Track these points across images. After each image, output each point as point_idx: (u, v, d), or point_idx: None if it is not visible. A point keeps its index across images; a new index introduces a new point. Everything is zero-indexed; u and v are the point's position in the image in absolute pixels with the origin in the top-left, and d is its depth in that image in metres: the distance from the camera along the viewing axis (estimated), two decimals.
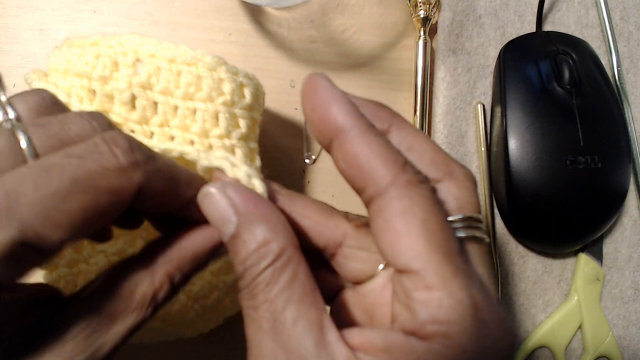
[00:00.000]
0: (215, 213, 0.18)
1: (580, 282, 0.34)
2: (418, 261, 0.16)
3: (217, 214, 0.18)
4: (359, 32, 0.36)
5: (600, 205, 0.33)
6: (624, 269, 0.35)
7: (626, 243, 0.35)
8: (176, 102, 0.25)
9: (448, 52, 0.35)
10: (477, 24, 0.36)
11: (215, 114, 0.25)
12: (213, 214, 0.18)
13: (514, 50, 0.35)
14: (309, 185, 0.35)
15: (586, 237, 0.34)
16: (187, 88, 0.25)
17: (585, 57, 0.35)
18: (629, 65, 0.37)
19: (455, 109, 0.35)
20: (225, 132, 0.25)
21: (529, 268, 0.35)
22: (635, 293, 0.35)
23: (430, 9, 0.35)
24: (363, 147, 0.17)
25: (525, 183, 0.32)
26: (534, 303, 0.34)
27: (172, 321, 0.27)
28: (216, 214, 0.18)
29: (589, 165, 0.32)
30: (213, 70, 0.25)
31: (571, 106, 0.33)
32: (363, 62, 0.36)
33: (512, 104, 0.33)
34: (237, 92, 0.26)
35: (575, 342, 0.34)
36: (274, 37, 0.36)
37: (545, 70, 0.34)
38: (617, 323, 0.35)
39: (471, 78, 0.35)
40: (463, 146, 0.35)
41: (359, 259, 0.20)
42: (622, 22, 0.37)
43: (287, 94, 0.35)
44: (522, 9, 0.36)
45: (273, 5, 0.35)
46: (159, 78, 0.25)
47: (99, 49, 0.25)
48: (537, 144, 0.32)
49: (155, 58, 0.25)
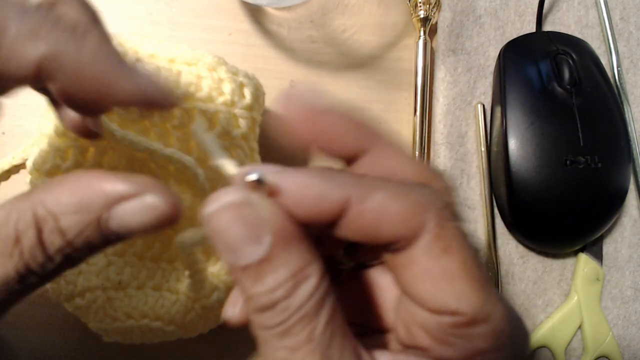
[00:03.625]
0: (236, 231, 0.14)
1: (580, 282, 0.34)
2: (465, 304, 0.15)
3: (240, 232, 0.14)
4: (359, 32, 0.36)
5: (600, 205, 0.33)
6: (624, 269, 0.35)
7: (626, 243, 0.35)
8: None
9: (448, 52, 0.35)
10: (477, 24, 0.36)
11: (216, 113, 0.25)
12: (233, 232, 0.14)
13: (514, 50, 0.35)
14: None
15: (586, 237, 0.34)
16: (187, 88, 0.25)
17: (585, 57, 0.35)
18: (629, 65, 0.37)
19: (455, 109, 0.35)
20: (225, 132, 0.26)
21: (529, 268, 0.35)
22: (635, 293, 0.35)
23: (430, 9, 0.35)
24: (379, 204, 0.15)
25: (525, 183, 0.32)
26: (534, 303, 0.34)
27: (172, 321, 0.27)
28: (238, 233, 0.14)
29: (589, 165, 0.32)
30: (213, 70, 0.25)
31: (571, 106, 0.33)
32: (363, 62, 0.36)
33: (512, 104, 0.33)
34: (237, 92, 0.26)
35: (575, 342, 0.34)
36: (274, 37, 0.36)
37: (545, 70, 0.34)
38: (617, 323, 0.35)
39: (471, 78, 0.35)
40: (463, 146, 0.35)
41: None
42: (622, 22, 0.37)
43: None
44: (522, 9, 0.36)
45: (273, 5, 0.35)
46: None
47: None
48: (537, 144, 0.32)
49: (155, 58, 0.25)
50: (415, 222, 0.15)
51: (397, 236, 0.15)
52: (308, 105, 0.17)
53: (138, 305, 0.27)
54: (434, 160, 0.35)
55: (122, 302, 0.26)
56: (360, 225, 0.15)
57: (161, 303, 0.27)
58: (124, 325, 0.26)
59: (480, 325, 0.15)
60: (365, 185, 0.15)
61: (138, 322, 0.26)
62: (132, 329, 0.26)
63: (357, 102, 0.36)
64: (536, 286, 0.34)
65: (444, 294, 0.15)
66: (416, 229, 0.15)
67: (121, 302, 0.26)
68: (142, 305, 0.27)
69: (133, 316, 0.26)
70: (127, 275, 0.27)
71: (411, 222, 0.15)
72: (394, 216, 0.15)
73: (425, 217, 0.15)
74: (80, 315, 0.27)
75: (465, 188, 0.34)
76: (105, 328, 0.26)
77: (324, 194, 0.15)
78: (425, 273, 0.15)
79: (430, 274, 0.15)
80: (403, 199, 0.15)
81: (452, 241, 0.15)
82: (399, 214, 0.15)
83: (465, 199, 0.34)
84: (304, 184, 0.15)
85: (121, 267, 0.27)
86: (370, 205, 0.15)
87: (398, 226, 0.15)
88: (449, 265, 0.15)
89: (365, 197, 0.15)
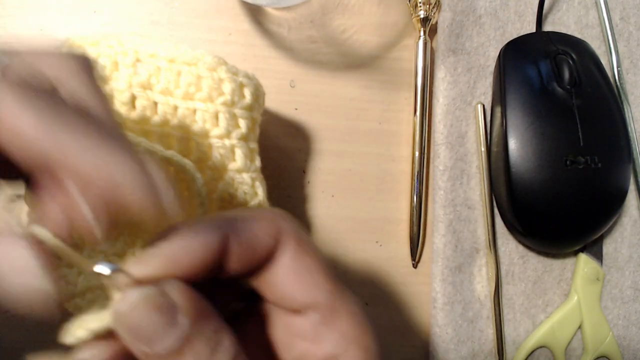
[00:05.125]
0: (151, 320, 0.14)
1: (580, 282, 0.34)
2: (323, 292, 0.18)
3: (155, 320, 0.14)
4: (359, 32, 0.36)
5: (600, 205, 0.33)
6: (624, 269, 0.35)
7: (626, 243, 0.35)
8: (176, 102, 0.25)
9: (448, 52, 0.35)
10: (477, 24, 0.36)
11: (215, 114, 0.25)
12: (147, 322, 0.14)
13: (514, 50, 0.35)
14: (309, 185, 0.35)
15: (586, 237, 0.34)
16: (187, 88, 0.25)
17: (585, 57, 0.35)
18: (629, 65, 0.37)
19: (455, 109, 0.35)
20: (225, 132, 0.26)
21: (529, 268, 0.35)
22: (635, 293, 0.35)
23: (430, 9, 0.35)
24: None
25: (525, 183, 0.32)
26: (534, 303, 0.34)
27: None
28: (153, 322, 0.14)
29: (589, 165, 0.32)
30: (213, 70, 0.25)
31: (571, 106, 0.33)
32: (363, 62, 0.36)
33: (512, 104, 0.33)
34: (237, 92, 0.26)
35: (575, 342, 0.34)
36: (274, 37, 0.36)
37: (545, 70, 0.34)
38: (617, 323, 0.35)
39: (471, 78, 0.35)
40: (463, 146, 0.35)
41: None
42: (622, 22, 0.37)
43: (287, 94, 0.35)
44: (522, 9, 0.36)
45: (273, 5, 0.35)
46: (159, 78, 0.25)
47: (99, 49, 0.25)
48: (537, 144, 0.32)
49: (155, 58, 0.25)
50: (277, 233, 0.18)
51: (268, 248, 0.18)
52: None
53: None
54: (434, 161, 0.35)
55: None
56: (240, 253, 0.17)
57: None
58: None
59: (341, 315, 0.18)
60: (233, 220, 0.18)
61: None
62: None
63: (357, 102, 0.36)
64: (536, 286, 0.34)
65: (308, 287, 0.18)
66: (279, 238, 0.18)
67: None
68: None
69: None
70: None
71: (275, 234, 0.18)
72: (263, 234, 0.18)
73: (282, 226, 0.18)
74: (80, 316, 0.27)
75: (465, 188, 0.34)
76: (105, 328, 0.26)
77: (196, 249, 0.16)
78: (291, 273, 0.18)
79: (295, 272, 0.18)
80: (264, 219, 0.18)
81: (307, 246, 0.18)
82: (266, 231, 0.18)
83: (465, 199, 0.34)
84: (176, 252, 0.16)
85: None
86: (245, 234, 0.17)
87: (267, 240, 0.18)
88: (309, 263, 0.18)
89: (239, 230, 0.17)
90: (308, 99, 0.35)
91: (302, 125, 0.35)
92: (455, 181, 0.34)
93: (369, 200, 0.35)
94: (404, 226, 0.35)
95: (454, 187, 0.34)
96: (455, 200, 0.34)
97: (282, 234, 0.18)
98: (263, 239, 0.18)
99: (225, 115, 0.25)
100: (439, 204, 0.34)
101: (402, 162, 0.35)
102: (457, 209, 0.34)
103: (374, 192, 0.35)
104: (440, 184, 0.34)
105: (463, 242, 0.34)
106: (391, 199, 0.35)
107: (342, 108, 0.35)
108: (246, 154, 0.26)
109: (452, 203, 0.34)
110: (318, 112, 0.35)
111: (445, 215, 0.34)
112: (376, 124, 0.36)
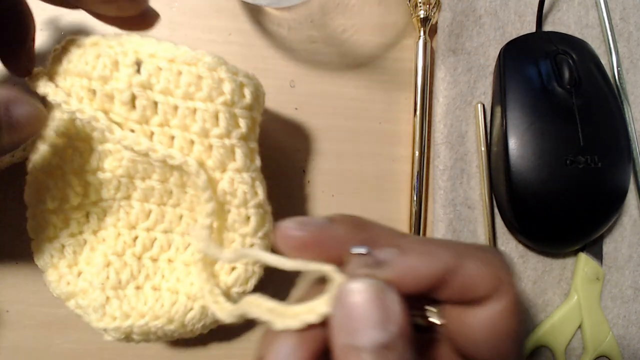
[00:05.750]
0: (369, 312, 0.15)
1: (580, 282, 0.34)
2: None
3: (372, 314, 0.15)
4: (359, 32, 0.36)
5: (600, 205, 0.33)
6: (624, 268, 0.35)
7: (626, 243, 0.35)
8: (176, 102, 0.25)
9: (448, 52, 0.35)
10: (477, 24, 0.36)
11: (215, 113, 0.25)
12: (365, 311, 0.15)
13: (514, 50, 0.35)
14: (309, 185, 0.35)
15: (586, 236, 0.34)
16: (187, 88, 0.25)
17: (585, 57, 0.35)
18: (629, 65, 0.37)
19: (455, 109, 0.35)
20: (225, 131, 0.26)
21: (529, 268, 0.35)
22: (635, 293, 0.35)
23: (430, 9, 0.35)
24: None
25: (525, 183, 0.32)
26: (534, 303, 0.34)
27: (171, 321, 0.27)
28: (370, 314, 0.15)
29: (589, 165, 0.32)
30: (213, 70, 0.25)
31: (571, 106, 0.33)
32: (363, 62, 0.36)
33: (512, 104, 0.33)
34: (237, 92, 0.26)
35: (575, 342, 0.34)
36: (274, 37, 0.36)
37: (545, 70, 0.34)
38: (617, 323, 0.35)
39: (471, 78, 0.35)
40: (463, 146, 0.35)
41: None
42: (622, 22, 0.37)
43: (287, 94, 0.35)
44: (522, 9, 0.37)
45: (273, 5, 0.35)
46: (159, 78, 0.25)
47: (99, 49, 0.25)
48: (537, 144, 0.32)
49: (155, 58, 0.25)
50: (498, 283, 0.17)
51: (484, 294, 0.17)
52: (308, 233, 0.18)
53: (138, 305, 0.27)
54: (434, 160, 0.35)
55: (122, 301, 0.26)
56: (454, 287, 0.17)
57: (161, 303, 0.27)
58: (123, 325, 0.26)
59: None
60: (455, 254, 0.17)
61: (138, 322, 0.26)
62: (131, 328, 0.26)
63: (357, 102, 0.36)
64: (536, 286, 0.34)
65: (498, 353, 0.17)
66: (498, 287, 0.17)
67: (121, 301, 0.26)
68: (142, 305, 0.27)
69: (133, 316, 0.26)
70: (126, 275, 0.27)
71: (496, 284, 0.17)
72: (481, 280, 0.17)
73: (504, 278, 0.17)
74: (80, 315, 0.27)
75: (465, 188, 0.34)
76: (105, 328, 0.26)
77: (425, 271, 0.17)
78: (490, 329, 0.17)
79: (496, 331, 0.17)
80: (490, 265, 0.17)
81: (519, 306, 0.17)
82: (485, 277, 0.17)
83: (465, 199, 0.34)
84: (410, 266, 0.17)
85: (120, 267, 0.27)
86: (463, 273, 0.17)
87: (486, 287, 0.17)
88: (512, 328, 0.17)
89: (458, 267, 0.17)
90: (308, 99, 0.35)
91: (302, 125, 0.35)
92: (455, 181, 0.34)
93: (369, 200, 0.35)
94: (404, 226, 0.35)
95: (454, 187, 0.34)
96: (455, 200, 0.34)
97: (502, 284, 0.17)
98: (482, 283, 0.17)
99: (225, 115, 0.25)
100: (439, 204, 0.34)
101: (402, 162, 0.35)
102: (457, 209, 0.34)
103: (374, 192, 0.35)
104: (440, 183, 0.34)
105: (463, 241, 0.34)
106: (391, 199, 0.35)
107: (342, 108, 0.35)
108: (246, 154, 0.26)
109: (452, 203, 0.34)
110: (318, 112, 0.35)
111: (445, 214, 0.34)
112: (376, 124, 0.36)
